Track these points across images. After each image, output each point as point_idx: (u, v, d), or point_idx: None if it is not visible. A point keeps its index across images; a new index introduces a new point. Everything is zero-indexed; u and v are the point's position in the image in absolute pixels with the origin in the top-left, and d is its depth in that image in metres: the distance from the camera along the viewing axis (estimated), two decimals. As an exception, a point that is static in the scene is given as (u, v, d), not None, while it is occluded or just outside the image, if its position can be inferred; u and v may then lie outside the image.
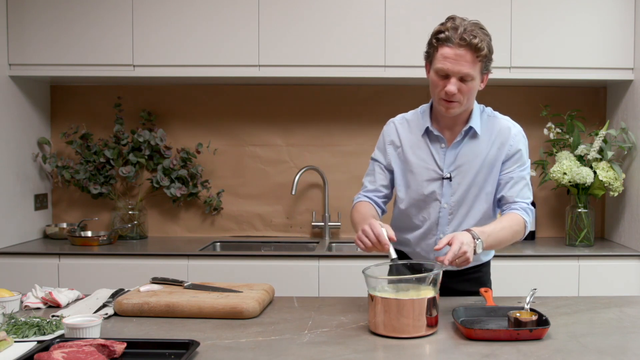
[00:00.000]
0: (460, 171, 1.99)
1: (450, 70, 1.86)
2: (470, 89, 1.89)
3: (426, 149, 2.02)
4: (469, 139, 1.99)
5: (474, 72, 1.86)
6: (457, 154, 1.99)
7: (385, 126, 2.14)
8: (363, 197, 2.11)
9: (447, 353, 1.55)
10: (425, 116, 2.04)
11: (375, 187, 2.10)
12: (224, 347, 1.57)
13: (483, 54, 1.86)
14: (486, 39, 1.88)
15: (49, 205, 3.59)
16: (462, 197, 2.00)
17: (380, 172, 2.10)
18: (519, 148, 2.01)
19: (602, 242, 3.38)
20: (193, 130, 3.58)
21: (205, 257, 3.05)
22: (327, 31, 3.17)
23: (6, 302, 1.85)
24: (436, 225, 2.03)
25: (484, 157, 1.98)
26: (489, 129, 2.01)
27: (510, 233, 1.91)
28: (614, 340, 1.62)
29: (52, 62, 3.20)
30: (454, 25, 1.87)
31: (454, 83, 1.86)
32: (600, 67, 3.17)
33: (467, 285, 2.11)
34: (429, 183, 2.00)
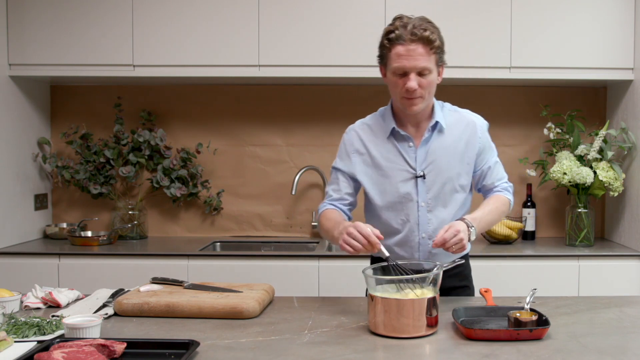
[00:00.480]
0: (433, 168, 1.99)
1: (407, 67, 1.86)
2: (429, 83, 1.90)
3: (394, 151, 2.00)
4: (437, 135, 2.00)
5: (430, 64, 1.87)
6: (427, 151, 1.99)
7: (345, 135, 2.09)
8: (329, 205, 2.07)
9: (447, 353, 1.55)
10: (389, 117, 2.03)
11: (341, 195, 2.06)
12: (224, 347, 1.57)
13: (436, 45, 1.87)
14: (436, 31, 1.90)
15: (49, 205, 3.59)
16: (438, 193, 2.00)
17: (344, 180, 2.06)
18: (487, 138, 2.07)
19: (602, 242, 3.38)
20: (193, 130, 3.58)
21: (205, 257, 3.05)
22: (327, 31, 3.17)
23: (6, 302, 1.85)
24: (417, 225, 2.00)
25: (453, 151, 2.00)
26: (454, 123, 2.03)
27: (497, 214, 2.02)
28: (614, 340, 1.62)
29: (52, 62, 3.20)
30: (402, 23, 1.88)
31: (413, 79, 1.87)
32: (600, 67, 3.17)
33: (453, 281, 2.11)
34: (403, 184, 1.99)
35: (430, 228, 2.00)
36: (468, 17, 3.15)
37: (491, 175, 2.08)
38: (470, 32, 3.15)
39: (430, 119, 2.01)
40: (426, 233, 2.00)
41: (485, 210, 1.98)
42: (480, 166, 2.07)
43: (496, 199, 2.06)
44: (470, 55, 3.16)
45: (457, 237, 1.79)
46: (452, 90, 3.52)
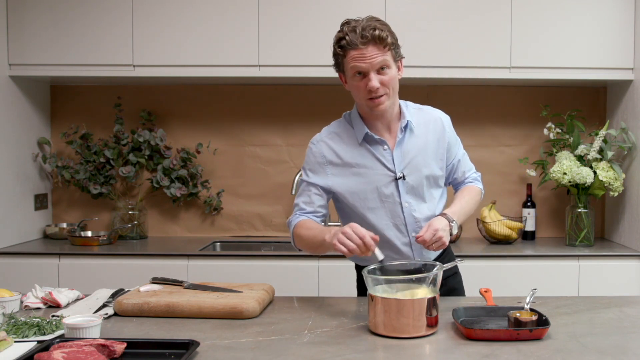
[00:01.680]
0: (411, 167, 1.98)
1: (365, 68, 1.86)
2: (390, 78, 1.89)
3: (370, 156, 1.98)
4: (409, 134, 2.00)
5: (387, 58, 1.87)
6: (403, 151, 1.99)
7: (313, 146, 2.04)
8: (303, 216, 2.02)
9: (447, 353, 1.55)
10: (358, 123, 2.01)
11: (314, 208, 2.01)
12: (224, 347, 1.57)
13: (388, 42, 1.87)
14: (385, 28, 1.89)
15: (49, 205, 3.59)
16: (418, 192, 2.00)
17: (317, 193, 2.01)
18: (453, 132, 2.10)
19: (602, 242, 3.38)
20: (193, 130, 3.58)
21: (205, 257, 3.05)
22: (327, 31, 3.14)
23: (6, 302, 1.85)
24: (404, 226, 2.00)
25: (426, 148, 2.01)
26: (421, 121, 2.03)
27: (473, 204, 2.09)
28: (614, 340, 1.62)
29: (52, 62, 3.21)
30: (351, 28, 1.88)
31: (373, 78, 1.86)
32: (600, 67, 3.17)
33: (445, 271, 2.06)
34: (385, 187, 1.97)
35: (417, 226, 2.00)
36: (468, 17, 3.15)
37: (460, 168, 2.13)
38: (470, 32, 3.15)
39: (399, 120, 2.01)
40: (415, 231, 2.00)
41: (462, 202, 2.04)
42: (450, 160, 2.09)
43: (469, 189, 2.12)
44: (470, 55, 3.16)
45: (436, 236, 1.83)
46: (452, 90, 3.52)
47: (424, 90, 3.50)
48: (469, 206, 2.06)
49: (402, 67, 1.97)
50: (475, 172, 2.18)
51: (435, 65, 3.15)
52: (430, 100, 3.44)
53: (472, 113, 3.52)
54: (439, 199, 2.08)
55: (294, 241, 2.04)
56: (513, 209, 3.53)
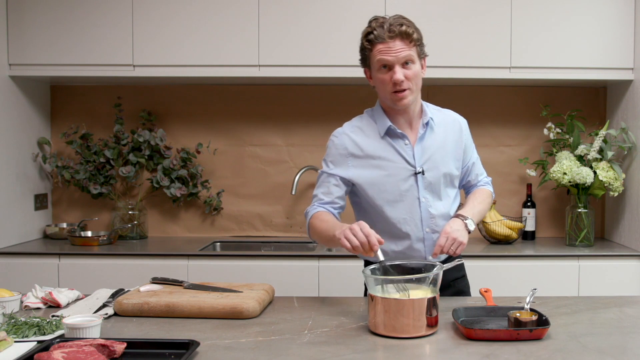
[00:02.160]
0: (430, 163, 2.02)
1: (391, 60, 1.92)
2: (415, 74, 1.95)
3: (391, 149, 2.02)
4: (430, 132, 2.05)
5: (412, 53, 1.93)
6: (423, 147, 2.03)
7: (335, 139, 2.06)
8: (320, 207, 2.03)
9: (447, 353, 1.55)
10: (381, 117, 2.04)
11: (332, 199, 2.03)
12: (224, 347, 1.57)
13: (414, 37, 1.94)
14: (412, 25, 1.96)
15: (49, 205, 3.59)
16: (435, 188, 2.04)
17: (336, 184, 2.03)
18: (469, 135, 2.18)
19: (602, 242, 3.38)
20: (193, 130, 3.58)
21: (205, 257, 3.05)
22: (327, 31, 3.17)
23: (6, 302, 1.85)
24: (420, 221, 2.02)
25: (445, 147, 2.06)
26: (441, 121, 2.09)
27: (486, 205, 2.14)
28: (614, 340, 1.62)
29: (52, 62, 3.20)
30: (379, 23, 1.95)
31: (398, 71, 1.92)
32: (600, 67, 3.17)
33: (454, 271, 2.14)
34: (404, 181, 2.00)
35: (432, 222, 2.03)
36: (468, 17, 3.15)
37: (474, 171, 2.19)
38: (470, 32, 3.15)
39: (420, 117, 2.05)
40: (429, 227, 2.03)
41: (475, 202, 2.09)
42: (466, 162, 2.15)
43: (481, 192, 2.17)
44: (470, 55, 3.16)
45: (450, 238, 1.89)
46: (452, 90, 3.52)
47: (424, 90, 3.45)
48: (482, 206, 2.10)
49: (425, 65, 2.03)
50: (486, 177, 2.24)
51: (435, 65, 3.14)
52: (430, 100, 3.42)
53: (472, 113, 3.50)
54: (454, 199, 2.12)
55: (309, 232, 2.06)
56: (513, 209, 3.53)
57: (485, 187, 2.20)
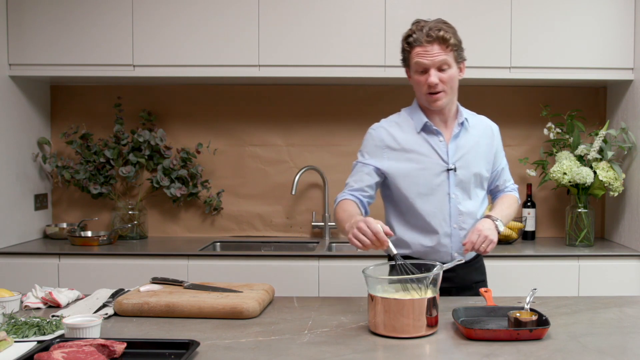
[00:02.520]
0: (463, 161, 2.10)
1: (426, 64, 2.01)
2: (450, 77, 2.04)
3: (426, 145, 2.10)
4: (464, 132, 2.14)
5: (448, 59, 2.02)
6: (457, 145, 2.11)
7: (373, 132, 2.15)
8: (348, 194, 2.11)
9: (447, 353, 1.55)
10: (418, 114, 2.13)
11: (361, 186, 2.10)
12: (224, 347, 1.57)
13: (452, 43, 2.02)
14: (451, 30, 2.05)
15: (49, 205, 3.59)
16: (465, 186, 2.11)
17: (368, 174, 2.10)
18: (500, 141, 2.28)
19: (602, 242, 3.38)
20: (193, 130, 3.58)
21: (205, 257, 3.05)
22: (327, 31, 3.17)
23: (6, 302, 1.85)
24: (449, 217, 2.09)
25: (478, 149, 2.15)
26: (475, 124, 2.19)
27: (513, 210, 2.22)
28: (614, 340, 1.62)
29: (52, 62, 3.20)
30: (419, 27, 2.05)
31: (433, 74, 2.01)
32: (600, 67, 3.17)
33: (475, 275, 2.22)
34: (436, 176, 2.08)
35: (460, 219, 2.10)
36: (468, 18, 3.15)
37: (503, 176, 2.28)
38: (470, 32, 3.14)
39: (456, 118, 2.14)
40: (457, 224, 2.10)
41: (502, 206, 2.18)
42: (495, 167, 2.24)
43: (509, 197, 2.25)
44: (470, 55, 3.12)
45: (481, 236, 1.96)
46: (452, 90, 3.52)
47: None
48: (509, 211, 2.18)
49: (464, 68, 2.11)
50: (513, 184, 2.32)
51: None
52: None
53: (472, 113, 3.52)
54: (482, 200, 2.19)
55: (334, 218, 2.12)
56: (513, 209, 3.53)
57: (512, 194, 2.28)
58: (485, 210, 2.20)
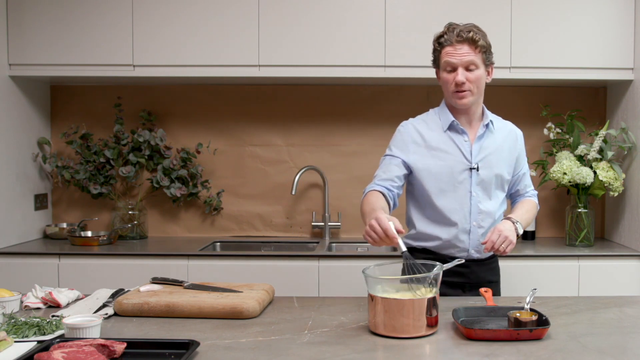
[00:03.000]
0: (485, 162, 2.17)
1: (454, 63, 2.10)
2: (477, 78, 2.11)
3: (451, 143, 2.17)
4: (489, 133, 2.21)
5: (476, 60, 2.10)
6: (481, 146, 2.18)
7: (402, 127, 2.24)
8: (376, 185, 2.14)
9: (447, 353, 1.55)
10: (446, 113, 2.20)
11: (390, 176, 2.15)
12: (224, 347, 1.57)
13: (480, 44, 2.10)
14: (481, 33, 2.12)
15: (49, 205, 3.59)
16: (487, 186, 2.17)
17: (396, 165, 2.17)
18: (523, 146, 2.34)
19: (602, 242, 3.38)
20: (193, 130, 3.58)
21: (205, 257, 3.05)
22: (327, 31, 3.17)
23: (6, 302, 1.85)
24: (469, 214, 2.15)
25: (501, 151, 2.22)
26: (500, 128, 2.26)
27: (532, 215, 2.28)
28: (614, 340, 1.62)
29: (52, 62, 3.20)
30: (450, 29, 2.13)
31: (461, 73, 2.09)
32: (600, 67, 3.17)
33: (490, 274, 2.28)
34: (459, 174, 2.15)
35: (479, 217, 2.17)
36: (468, 18, 3.13)
37: (523, 181, 2.34)
38: (470, 32, 3.14)
39: (481, 120, 2.21)
40: (476, 221, 2.17)
41: (522, 210, 2.23)
42: (517, 171, 2.30)
43: (528, 202, 2.31)
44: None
45: (502, 236, 2.01)
46: (452, 90, 3.52)
47: (424, 90, 3.50)
48: (529, 215, 2.24)
49: (492, 72, 2.19)
50: (534, 190, 2.38)
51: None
52: (430, 100, 3.44)
53: (472, 113, 3.52)
54: (502, 202, 2.25)
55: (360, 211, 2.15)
56: (513, 209, 3.53)
57: (532, 199, 2.34)
58: (503, 212, 2.26)
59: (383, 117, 3.53)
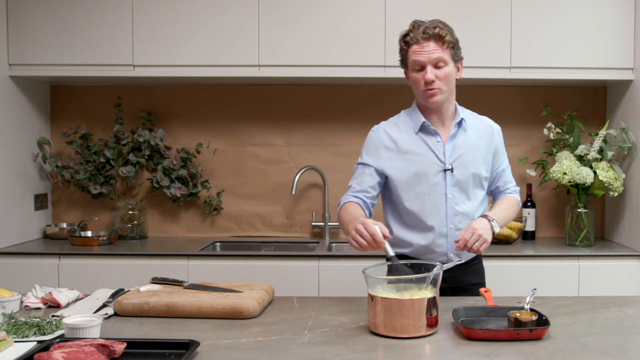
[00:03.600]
0: (460, 162, 2.10)
1: (422, 61, 2.03)
2: (446, 75, 2.05)
3: (423, 145, 2.11)
4: (462, 132, 2.14)
5: (444, 55, 2.03)
6: (454, 146, 2.12)
7: (372, 133, 2.18)
8: (351, 197, 2.12)
9: (447, 353, 1.55)
10: (417, 114, 2.15)
11: (364, 187, 2.12)
12: (224, 347, 1.57)
13: (447, 40, 2.04)
14: (447, 29, 2.06)
15: (49, 205, 3.59)
16: (463, 187, 2.11)
17: (369, 175, 2.13)
18: (502, 141, 2.27)
19: (602, 242, 3.38)
20: (193, 130, 3.58)
21: (205, 257, 3.05)
22: (327, 31, 3.17)
23: (6, 302, 1.85)
24: (445, 217, 2.09)
25: (476, 149, 2.15)
26: (474, 124, 2.19)
27: (512, 212, 2.19)
28: (614, 340, 1.62)
29: (52, 62, 3.20)
30: (416, 26, 2.07)
31: (430, 71, 2.03)
32: (600, 67, 3.17)
33: (472, 277, 2.21)
34: (433, 176, 2.09)
35: (457, 219, 2.10)
36: (468, 18, 3.15)
37: (503, 178, 2.26)
38: (471, 32, 3.15)
39: (454, 118, 2.15)
40: (453, 224, 2.10)
41: (502, 207, 2.16)
42: (495, 167, 2.22)
43: (509, 199, 2.23)
44: (470, 55, 3.13)
45: (475, 234, 1.94)
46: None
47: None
48: (508, 213, 2.16)
49: (461, 68, 2.13)
50: (515, 186, 2.30)
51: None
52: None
53: (472, 113, 3.52)
54: (481, 201, 2.18)
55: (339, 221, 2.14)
56: (513, 209, 3.52)
57: (513, 195, 2.26)
58: (485, 210, 2.19)
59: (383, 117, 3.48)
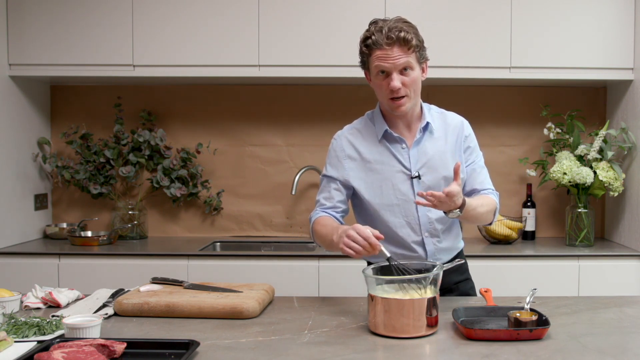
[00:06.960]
0: (428, 167, 1.99)
1: (387, 67, 1.89)
2: (413, 80, 1.92)
3: (387, 153, 2.01)
4: (428, 135, 2.02)
5: (410, 61, 1.89)
6: (420, 151, 2.00)
7: (334, 141, 2.08)
8: (322, 212, 2.04)
9: (447, 353, 1.55)
10: (379, 120, 2.03)
11: (333, 203, 2.04)
12: (224, 347, 1.57)
13: (413, 44, 1.89)
14: (412, 30, 1.91)
15: (49, 205, 3.59)
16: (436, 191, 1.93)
17: (336, 188, 2.04)
18: (473, 137, 2.09)
19: (602, 242, 3.38)
20: (193, 130, 3.58)
21: (205, 257, 3.05)
22: (327, 31, 3.17)
23: (6, 302, 1.85)
24: (418, 226, 2.01)
25: (445, 150, 2.02)
26: (442, 124, 2.05)
27: (486, 210, 1.97)
28: (614, 340, 1.62)
29: (52, 62, 3.20)
30: (377, 28, 1.90)
31: (396, 78, 1.89)
32: (600, 67, 3.17)
33: (454, 276, 2.12)
34: (400, 185, 1.98)
35: (431, 227, 2.01)
36: (468, 18, 3.15)
37: (479, 179, 2.06)
38: (470, 32, 3.15)
39: (420, 121, 2.03)
40: (428, 232, 2.01)
41: (479, 202, 1.94)
42: (469, 162, 2.06)
43: (489, 200, 2.02)
44: (470, 55, 3.16)
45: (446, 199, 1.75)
46: (452, 90, 3.52)
47: (424, 90, 3.44)
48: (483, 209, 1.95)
49: (426, 69, 2.00)
50: (494, 190, 2.09)
51: (435, 65, 3.14)
52: (430, 100, 3.43)
53: (472, 113, 3.49)
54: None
55: (313, 237, 2.06)
56: (513, 209, 3.53)
57: (494, 198, 2.05)
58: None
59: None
